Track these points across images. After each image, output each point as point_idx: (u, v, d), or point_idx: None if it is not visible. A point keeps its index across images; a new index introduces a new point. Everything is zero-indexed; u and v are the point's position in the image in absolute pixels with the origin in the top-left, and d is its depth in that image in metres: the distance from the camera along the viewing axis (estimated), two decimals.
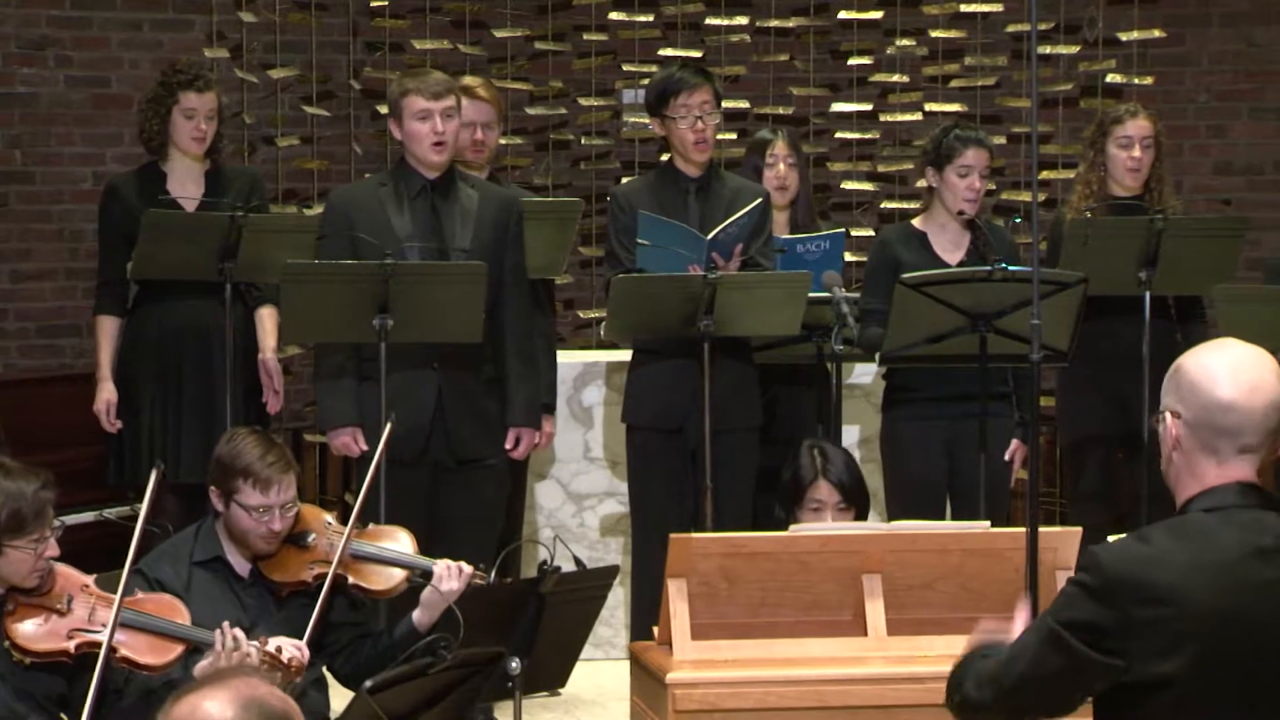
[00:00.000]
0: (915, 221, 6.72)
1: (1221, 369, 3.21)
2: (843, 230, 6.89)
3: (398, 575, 5.05)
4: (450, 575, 4.96)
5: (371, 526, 5.30)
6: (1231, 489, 3.21)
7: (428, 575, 5.00)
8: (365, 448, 6.04)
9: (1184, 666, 3.14)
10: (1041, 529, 4.48)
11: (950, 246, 6.59)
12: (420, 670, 4.44)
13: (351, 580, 5.02)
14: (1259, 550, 3.16)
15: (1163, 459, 3.30)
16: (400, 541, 5.13)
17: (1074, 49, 8.58)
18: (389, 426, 5.36)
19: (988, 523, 5.38)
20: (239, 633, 4.67)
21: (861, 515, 5.60)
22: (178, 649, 4.66)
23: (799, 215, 6.91)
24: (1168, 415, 3.24)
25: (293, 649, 4.73)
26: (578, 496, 7.35)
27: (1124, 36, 8.53)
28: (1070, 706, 3.28)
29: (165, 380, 6.71)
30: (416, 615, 4.99)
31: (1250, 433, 3.19)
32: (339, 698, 5.06)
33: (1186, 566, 3.15)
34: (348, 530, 4.98)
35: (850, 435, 6.96)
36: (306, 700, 4.88)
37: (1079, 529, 5.13)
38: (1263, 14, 8.52)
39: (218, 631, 4.66)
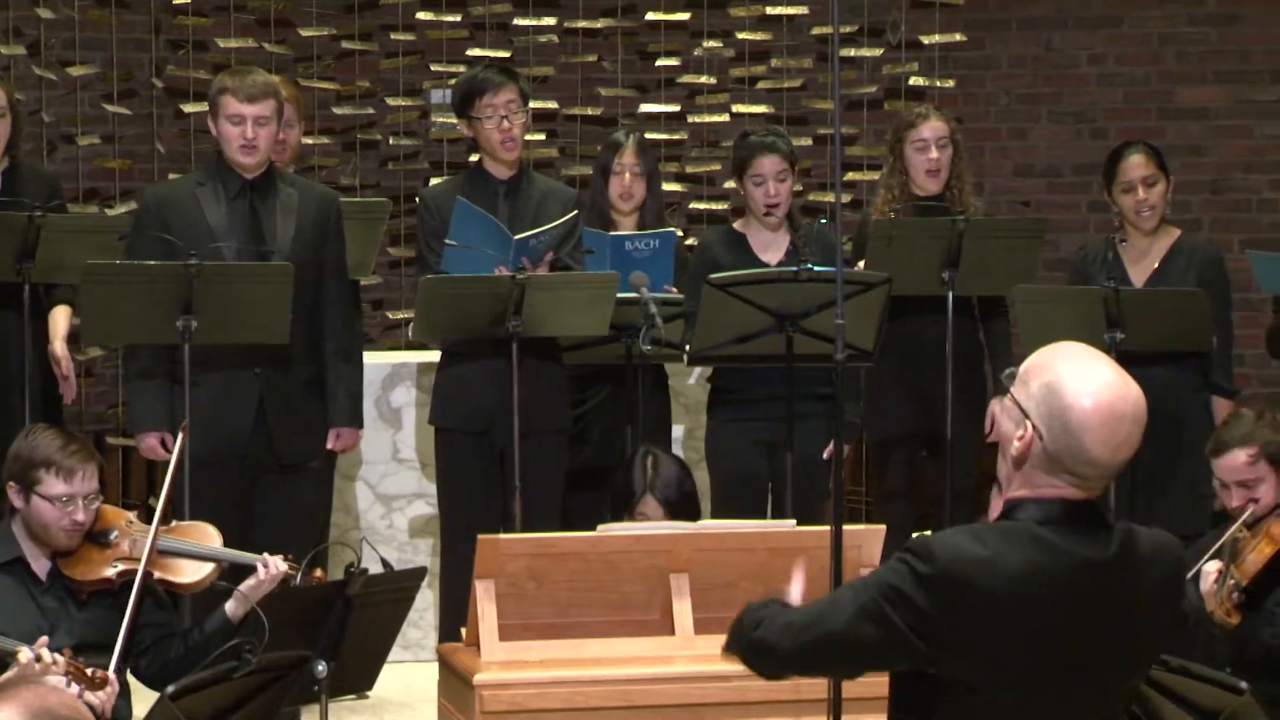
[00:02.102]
0: (736, 224, 6.78)
1: (1097, 421, 3.15)
2: (673, 230, 6.90)
3: (205, 569, 5.00)
4: (270, 565, 4.93)
5: (176, 523, 5.25)
6: (1064, 504, 3.21)
7: (238, 568, 4.95)
8: (173, 451, 5.96)
9: (995, 674, 3.17)
10: (846, 527, 4.52)
11: (768, 248, 6.65)
12: (224, 674, 4.39)
13: (158, 575, 4.95)
14: (1087, 563, 3.18)
15: (999, 456, 3.28)
16: (207, 536, 5.08)
17: (877, 52, 8.68)
18: (181, 436, 5.29)
19: (794, 521, 5.42)
20: (45, 652, 4.58)
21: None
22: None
23: (647, 219, 6.90)
24: (1028, 426, 3.18)
25: (103, 674, 4.66)
26: (386, 498, 7.31)
27: (926, 40, 8.65)
28: (859, 674, 3.34)
29: None
30: (230, 606, 4.94)
31: (1098, 480, 3.22)
32: (142, 702, 4.98)
33: (1018, 577, 3.16)
34: (154, 524, 4.92)
35: (674, 434, 7.00)
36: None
37: (883, 527, 5.19)
38: (1060, 19, 8.68)
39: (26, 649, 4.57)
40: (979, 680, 3.18)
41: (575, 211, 6.46)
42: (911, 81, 8.66)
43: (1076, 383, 3.16)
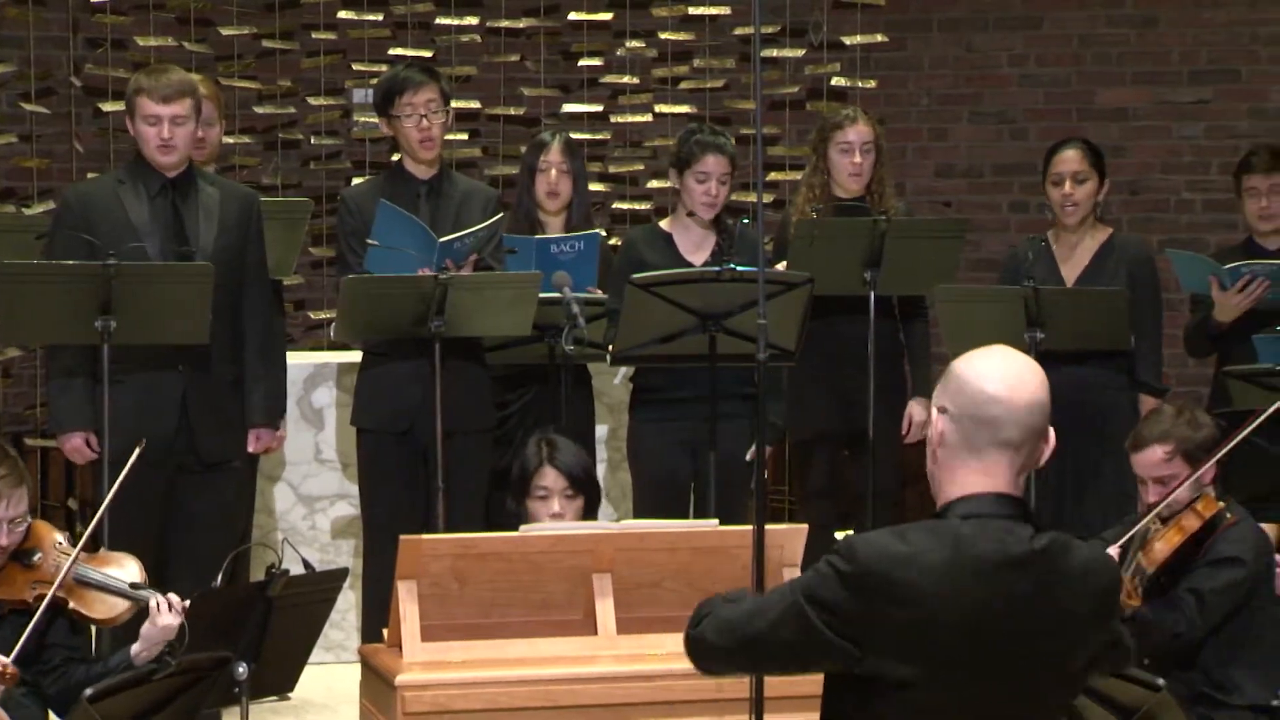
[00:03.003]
0: (663, 223, 6.78)
1: (989, 368, 3.30)
2: (598, 232, 6.89)
3: (121, 605, 4.96)
4: (163, 611, 4.83)
5: (102, 552, 5.20)
6: (989, 499, 3.26)
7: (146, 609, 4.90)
8: (98, 451, 5.91)
9: (921, 671, 3.19)
10: (769, 526, 4.53)
11: (695, 248, 6.65)
12: (144, 676, 4.37)
13: (72, 605, 4.93)
14: (1009, 560, 3.21)
15: (928, 459, 3.35)
16: (127, 569, 5.02)
17: (799, 52, 8.71)
18: (137, 451, 5.22)
19: (716, 521, 5.42)
20: None
21: (591, 505, 5.58)
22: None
23: (574, 219, 6.89)
24: (935, 412, 3.32)
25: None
26: (309, 499, 7.28)
27: (848, 40, 8.68)
28: (791, 673, 3.35)
29: None
30: (135, 648, 4.88)
31: (1011, 427, 3.26)
32: None
33: (939, 571, 3.19)
34: (75, 553, 4.89)
35: (598, 435, 7.00)
36: (23, 711, 4.77)
37: (804, 526, 5.20)
38: (980, 20, 8.73)
39: None
40: (905, 678, 3.20)
41: (500, 215, 6.45)
42: (833, 82, 8.69)
43: (968, 357, 3.34)
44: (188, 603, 4.85)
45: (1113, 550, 5.26)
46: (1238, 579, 5.24)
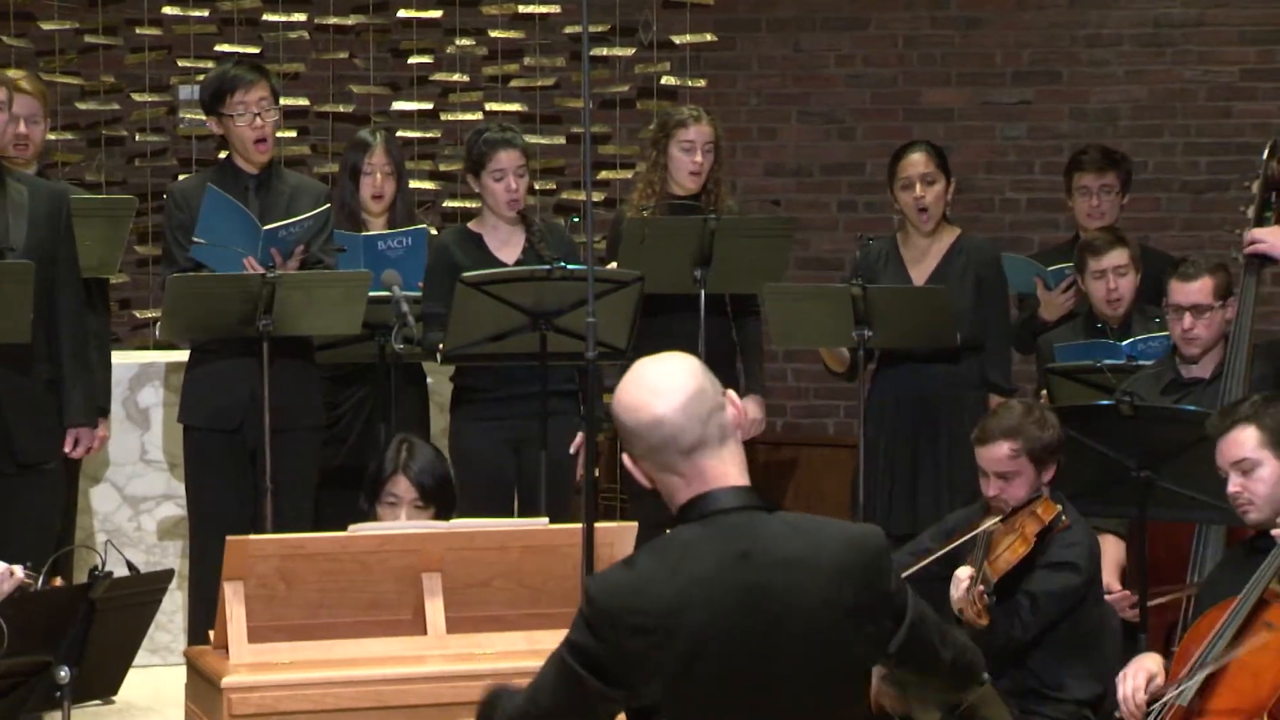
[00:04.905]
0: (471, 224, 6.76)
1: (634, 396, 3.22)
2: (424, 227, 6.86)
3: None
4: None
5: None
6: (709, 497, 3.20)
7: None
8: None
9: (679, 689, 3.13)
10: (598, 524, 4.53)
11: (504, 246, 6.64)
12: None
13: None
14: (738, 555, 3.16)
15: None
16: None
17: (629, 51, 8.73)
18: None
19: (546, 519, 5.42)
20: None
21: (443, 514, 5.56)
22: None
23: (397, 219, 6.86)
24: (627, 460, 3.26)
25: None
26: (134, 499, 7.19)
27: (678, 40, 8.72)
28: None
29: None
30: None
31: (687, 431, 3.20)
32: None
33: (668, 587, 3.13)
34: None
35: (431, 433, 6.96)
36: None
37: (634, 524, 5.20)
38: (808, 20, 8.80)
39: None
40: (672, 706, 3.15)
41: (328, 205, 6.41)
42: (663, 81, 8.72)
43: (619, 397, 3.26)
44: (20, 570, 4.78)
45: (963, 574, 5.25)
46: (1072, 585, 5.29)
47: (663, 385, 3.21)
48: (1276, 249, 5.76)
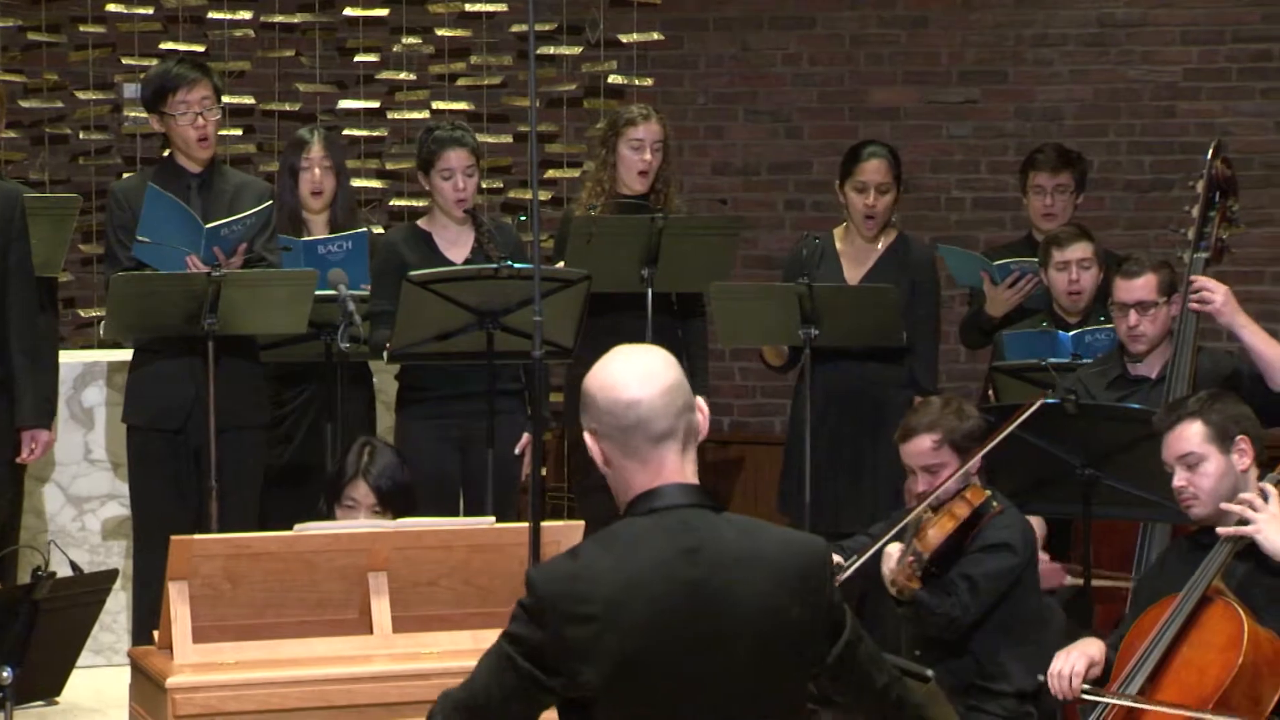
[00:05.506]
0: (420, 222, 6.75)
1: (615, 375, 3.24)
2: (365, 230, 6.84)
3: None
4: None
5: None
6: (660, 491, 3.22)
7: None
8: None
9: (614, 680, 3.14)
10: (545, 523, 4.53)
11: (453, 245, 6.63)
12: None
13: None
14: (683, 551, 3.17)
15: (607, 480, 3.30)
16: None
17: (576, 50, 8.72)
18: None
19: (492, 519, 5.42)
20: None
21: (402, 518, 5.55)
22: None
23: (337, 216, 6.83)
24: (586, 437, 3.26)
25: None
26: (78, 500, 7.15)
27: (625, 39, 8.71)
28: None
29: None
30: None
31: (658, 419, 3.22)
32: None
33: (611, 578, 3.14)
34: None
35: (377, 432, 6.94)
36: None
37: (581, 522, 5.21)
38: (756, 19, 8.80)
39: None
40: (608, 698, 3.15)
41: (270, 202, 6.38)
42: (610, 80, 8.72)
43: (594, 371, 3.28)
44: None
45: (892, 549, 5.33)
46: (1008, 564, 5.36)
47: (645, 370, 3.24)
48: (1222, 312, 5.75)
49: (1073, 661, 4.79)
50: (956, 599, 5.31)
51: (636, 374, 3.23)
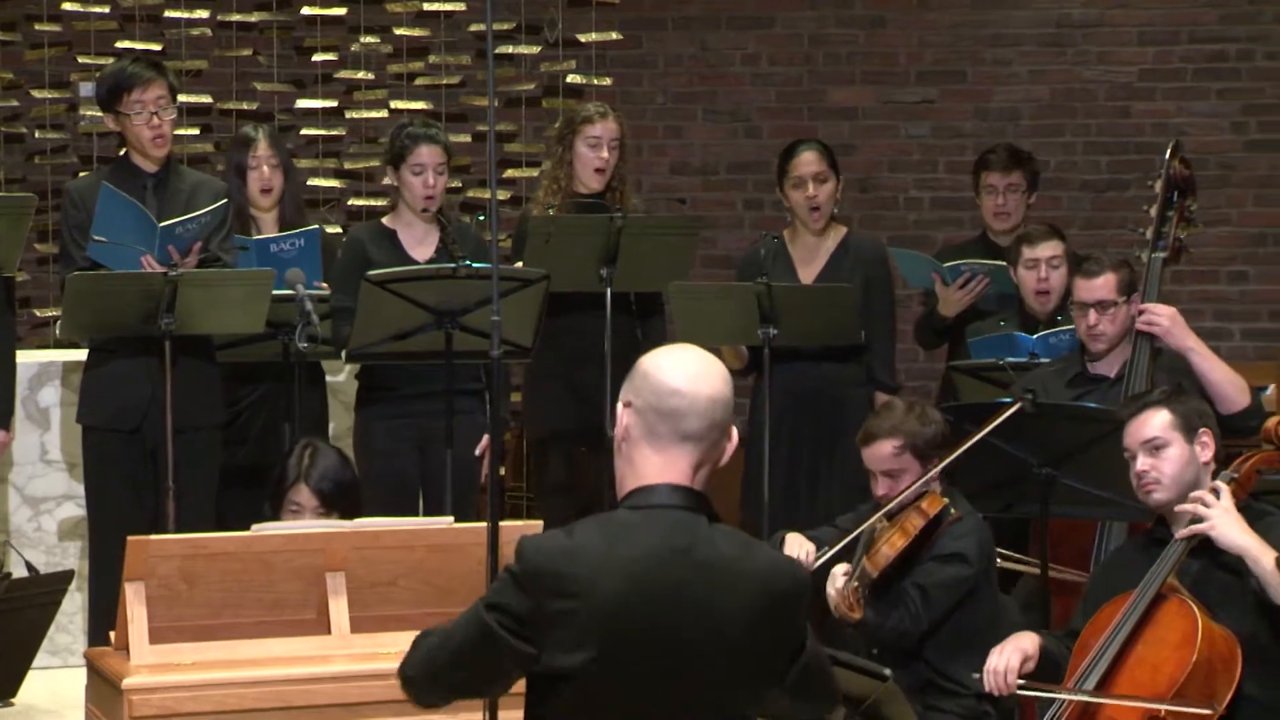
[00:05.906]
0: (385, 220, 6.74)
1: (673, 363, 3.33)
2: (317, 227, 6.83)
3: None
4: None
5: None
6: (663, 489, 3.29)
7: None
8: None
9: (586, 660, 3.21)
10: (504, 523, 4.51)
11: (419, 243, 6.62)
12: None
13: None
14: (673, 550, 3.24)
15: (615, 455, 3.37)
16: None
17: (535, 49, 8.72)
18: None
19: (451, 518, 5.40)
20: None
21: (348, 519, 5.52)
22: None
23: (286, 213, 6.82)
24: (620, 407, 3.34)
25: None
26: (34, 500, 7.12)
27: (583, 38, 8.71)
28: (494, 689, 3.40)
29: None
30: None
31: (693, 418, 3.29)
32: None
33: (600, 560, 3.22)
34: None
35: (331, 432, 6.93)
36: None
37: (540, 522, 5.20)
38: (714, 19, 8.81)
39: None
40: (574, 668, 3.21)
41: (225, 200, 6.36)
42: (569, 79, 8.71)
43: (654, 353, 3.37)
44: None
45: (839, 570, 5.31)
46: (962, 575, 5.34)
47: (701, 371, 3.32)
48: (1171, 334, 5.79)
49: (1007, 657, 4.81)
50: (906, 610, 5.29)
51: (692, 370, 3.32)
